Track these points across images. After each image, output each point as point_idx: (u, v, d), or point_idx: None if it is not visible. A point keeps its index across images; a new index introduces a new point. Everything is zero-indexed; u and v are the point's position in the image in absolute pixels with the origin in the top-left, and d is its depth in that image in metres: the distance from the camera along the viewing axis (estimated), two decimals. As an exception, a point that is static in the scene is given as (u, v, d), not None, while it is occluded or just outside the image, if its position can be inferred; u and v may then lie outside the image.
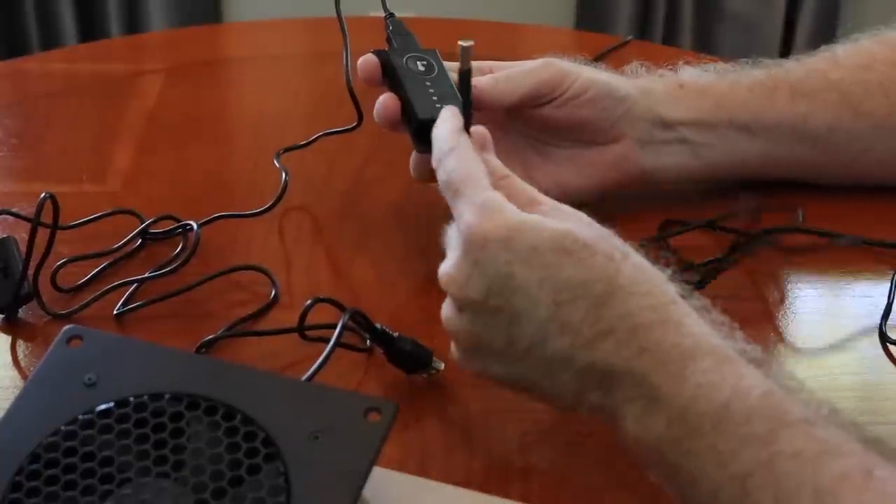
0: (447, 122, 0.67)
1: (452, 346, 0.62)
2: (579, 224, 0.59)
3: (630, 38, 1.13)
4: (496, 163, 0.65)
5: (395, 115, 0.76)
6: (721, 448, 0.52)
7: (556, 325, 0.57)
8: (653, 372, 0.55)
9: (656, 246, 0.80)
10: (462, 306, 0.60)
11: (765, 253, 0.81)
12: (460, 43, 0.67)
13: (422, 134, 0.74)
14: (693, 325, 0.56)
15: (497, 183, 0.63)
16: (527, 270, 0.57)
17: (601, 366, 0.57)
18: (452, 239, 0.61)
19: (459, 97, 0.76)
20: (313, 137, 0.89)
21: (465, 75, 0.68)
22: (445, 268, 0.61)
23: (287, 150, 0.89)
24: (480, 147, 0.66)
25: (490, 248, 0.58)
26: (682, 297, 0.59)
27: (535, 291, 0.57)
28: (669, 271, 0.60)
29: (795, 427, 0.52)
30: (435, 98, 0.75)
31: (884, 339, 0.74)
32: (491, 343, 0.60)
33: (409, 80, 0.76)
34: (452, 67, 0.78)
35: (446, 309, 0.62)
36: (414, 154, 0.77)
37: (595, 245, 0.58)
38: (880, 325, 0.74)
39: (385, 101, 0.76)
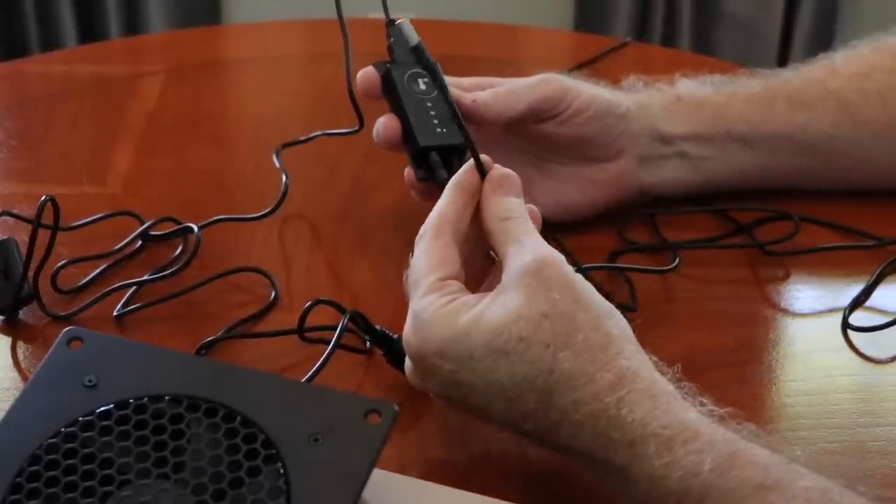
0: (438, 203, 0.64)
1: None
2: (526, 302, 0.58)
3: (629, 39, 1.13)
4: (499, 207, 0.63)
5: (395, 137, 0.76)
6: None
7: (516, 413, 0.59)
8: (611, 458, 0.57)
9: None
10: (435, 395, 0.62)
11: (761, 254, 0.81)
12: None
13: (421, 160, 0.74)
14: (634, 409, 0.56)
15: (495, 226, 0.62)
16: (471, 376, 0.58)
17: (570, 447, 0.58)
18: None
19: (461, 119, 0.76)
20: (313, 135, 0.90)
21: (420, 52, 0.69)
22: (406, 370, 0.63)
23: (286, 145, 0.89)
24: (492, 191, 0.64)
25: (430, 360, 0.59)
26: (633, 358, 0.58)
27: (485, 392, 0.59)
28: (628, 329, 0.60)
29: (751, 499, 0.53)
30: (436, 122, 0.75)
31: (846, 325, 0.74)
32: (476, 418, 0.62)
33: (410, 102, 0.76)
34: (451, 82, 0.78)
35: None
36: (408, 169, 0.77)
37: (532, 335, 0.57)
38: (845, 311, 0.75)
39: (386, 124, 0.76)
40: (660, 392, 0.57)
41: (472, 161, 0.65)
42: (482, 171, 0.65)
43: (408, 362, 0.62)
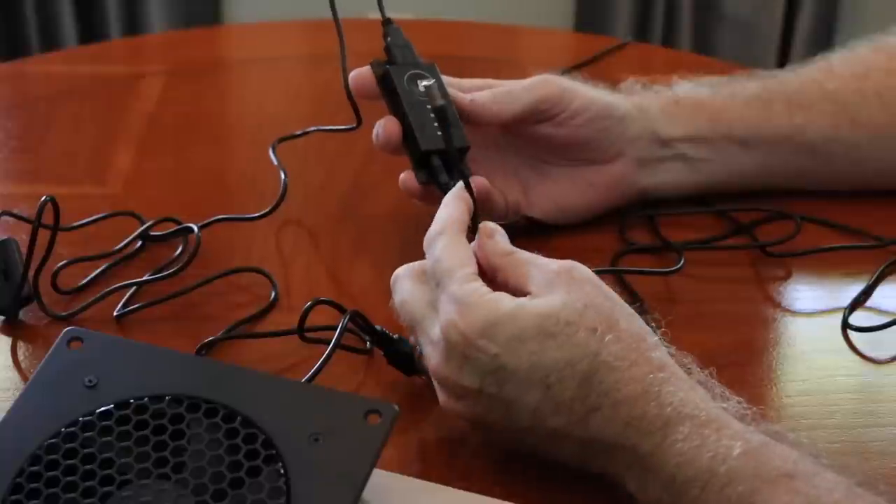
0: (446, 207, 0.66)
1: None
2: (568, 295, 0.59)
3: (629, 39, 1.13)
4: (500, 246, 0.64)
5: (396, 140, 0.76)
6: None
7: (550, 405, 0.59)
8: (640, 443, 0.57)
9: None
10: (459, 396, 0.61)
11: (762, 255, 0.81)
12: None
13: (423, 163, 0.74)
14: (674, 391, 0.58)
15: (500, 261, 0.63)
16: (515, 360, 0.59)
17: (596, 440, 0.59)
18: (436, 331, 0.61)
19: (460, 123, 0.76)
20: (310, 129, 0.90)
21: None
22: (435, 364, 0.61)
23: (283, 139, 0.89)
24: (487, 237, 0.65)
25: (475, 343, 0.59)
26: (670, 354, 0.60)
27: (525, 378, 0.59)
28: (658, 332, 0.62)
29: (776, 484, 0.54)
30: (436, 125, 0.75)
31: (846, 325, 0.74)
32: (494, 423, 0.61)
33: (410, 104, 0.76)
34: (450, 83, 0.78)
35: (443, 398, 0.62)
36: (404, 174, 0.77)
37: (579, 320, 0.59)
38: (845, 311, 0.75)
39: (386, 126, 0.76)
40: (696, 384, 0.59)
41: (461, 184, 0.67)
42: (471, 190, 0.66)
43: (438, 356, 0.61)
